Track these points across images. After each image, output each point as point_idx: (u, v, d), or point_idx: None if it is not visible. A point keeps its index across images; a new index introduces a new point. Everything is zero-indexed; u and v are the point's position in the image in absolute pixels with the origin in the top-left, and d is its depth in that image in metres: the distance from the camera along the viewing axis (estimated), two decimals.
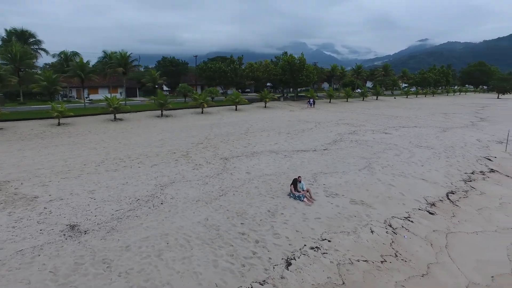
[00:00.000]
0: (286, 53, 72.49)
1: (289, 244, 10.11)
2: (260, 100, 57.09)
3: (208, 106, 43.59)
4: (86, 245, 9.17)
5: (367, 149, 22.31)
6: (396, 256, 10.22)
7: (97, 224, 10.40)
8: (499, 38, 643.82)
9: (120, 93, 59.99)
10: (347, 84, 75.23)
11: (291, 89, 70.61)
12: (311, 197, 13.31)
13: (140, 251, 9.00)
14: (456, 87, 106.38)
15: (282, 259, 9.35)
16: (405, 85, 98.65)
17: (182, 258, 8.82)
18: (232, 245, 9.68)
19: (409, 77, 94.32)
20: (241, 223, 11.03)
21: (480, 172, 19.32)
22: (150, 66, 78.41)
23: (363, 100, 67.38)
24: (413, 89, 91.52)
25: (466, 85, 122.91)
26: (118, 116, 35.29)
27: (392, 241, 11.01)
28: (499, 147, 25.68)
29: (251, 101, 53.90)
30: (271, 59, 70.84)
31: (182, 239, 9.74)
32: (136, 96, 64.52)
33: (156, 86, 53.41)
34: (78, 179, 14.75)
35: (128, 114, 37.88)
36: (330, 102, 61.39)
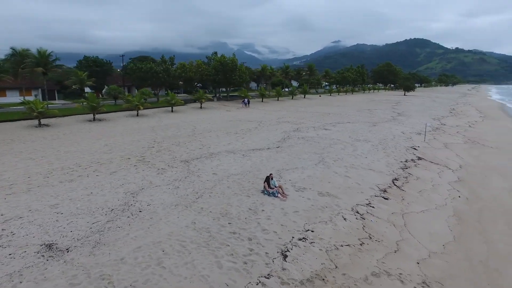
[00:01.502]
0: (216, 53, 72.70)
1: (279, 238, 10.62)
2: (194, 100, 56.46)
3: (143, 108, 41.67)
4: (75, 263, 8.43)
5: (315, 145, 23.89)
6: (371, 238, 11.45)
7: (77, 240, 9.56)
8: (397, 42, 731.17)
9: (35, 95, 53.62)
10: (276, 84, 78.33)
11: (220, 89, 71.07)
12: (283, 193, 13.98)
13: (138, 262, 8.61)
14: (369, 86, 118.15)
15: (278, 252, 9.81)
16: (326, 83, 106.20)
17: (184, 263, 8.70)
18: (228, 245, 9.82)
19: (331, 76, 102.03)
20: (229, 223, 11.18)
21: (412, 160, 22.18)
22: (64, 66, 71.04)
23: (292, 98, 70.86)
24: (334, 87, 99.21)
25: (377, 84, 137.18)
26: (43, 121, 31.74)
27: (363, 226, 12.25)
28: (419, 137, 29.64)
29: (184, 102, 53.01)
30: (197, 60, 70.01)
31: (177, 245, 9.55)
32: (55, 99, 58.39)
33: (83, 88, 49.11)
34: (30, 193, 13.16)
35: (54, 119, 34.33)
36: (262, 101, 63.28)
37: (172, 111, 45.29)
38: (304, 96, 75.17)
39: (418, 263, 10.37)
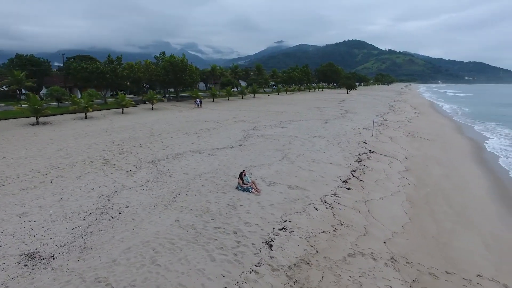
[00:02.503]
0: (164, 53, 71.02)
1: (261, 230, 11.21)
2: (144, 101, 54.84)
3: (92, 111, 39.54)
4: (65, 269, 8.21)
5: (275, 142, 24.84)
6: (342, 224, 12.53)
7: (60, 246, 9.24)
8: (337, 43, 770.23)
9: None
10: (225, 84, 78.65)
11: (168, 90, 69.69)
12: (257, 188, 14.59)
13: (131, 262, 8.63)
14: (314, 85, 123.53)
15: (263, 242, 10.41)
16: (274, 83, 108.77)
17: (178, 259, 8.91)
18: (216, 239, 10.19)
19: (278, 76, 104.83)
20: (212, 219, 11.51)
21: (364, 153, 24.10)
22: None
23: (242, 98, 71.64)
24: (281, 87, 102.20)
25: (321, 83, 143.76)
26: None
27: (333, 214, 13.33)
28: (367, 132, 32.11)
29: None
30: (145, 59, 67.87)
31: (167, 243, 9.68)
32: None
33: (19, 90, 45.07)
34: None
35: None
36: (213, 101, 63.26)
37: (122, 112, 43.55)
38: (254, 95, 76.43)
39: (385, 242, 11.64)
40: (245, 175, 14.73)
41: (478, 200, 17.56)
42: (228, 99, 65.69)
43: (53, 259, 8.65)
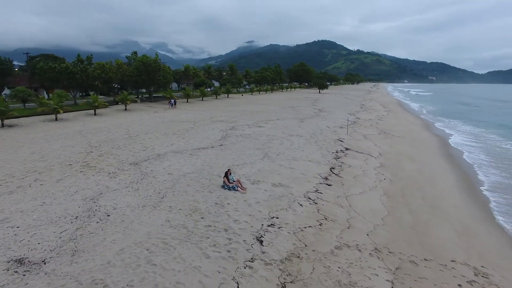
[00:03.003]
0: (136, 53, 69.44)
1: (251, 226, 11.49)
2: (117, 102, 53.50)
3: (63, 112, 38.08)
4: (58, 274, 8.09)
5: (255, 141, 25.17)
6: (326, 219, 13.05)
7: (50, 250, 9.04)
8: (307, 43, 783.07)
9: None
10: (198, 84, 78.00)
11: (140, 90, 68.31)
12: (242, 186, 14.84)
13: (126, 263, 8.63)
14: (286, 84, 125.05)
15: (254, 238, 10.70)
16: (247, 83, 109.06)
17: (173, 258, 9.01)
18: (208, 237, 10.36)
19: (251, 76, 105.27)
20: (201, 218, 11.65)
21: (341, 150, 24.94)
22: None
23: (216, 98, 71.42)
24: (249, 86, 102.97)
25: (293, 82, 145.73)
26: None
27: (317, 209, 13.84)
28: (342, 131, 33.16)
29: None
30: (116, 59, 66.14)
31: (160, 243, 9.74)
32: None
33: None
34: None
35: None
36: (187, 101, 62.67)
37: (95, 114, 42.26)
38: (227, 95, 76.40)
39: (367, 234, 12.26)
40: (230, 174, 14.94)
41: (447, 192, 18.76)
42: (202, 99, 65.31)
43: (44, 263, 8.48)
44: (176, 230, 10.58)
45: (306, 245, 10.84)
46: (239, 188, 14.56)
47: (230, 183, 14.62)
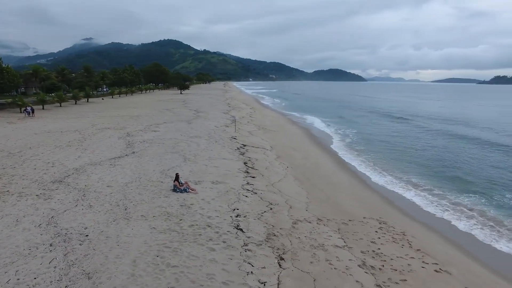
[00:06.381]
0: None
1: (224, 219, 13.04)
2: None
3: None
4: None
5: (163, 146, 25.37)
6: (272, 204, 15.66)
7: (58, 281, 8.35)
8: (153, 42, 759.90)
9: None
10: (50, 88, 67.49)
11: None
12: (191, 188, 15.85)
13: (149, 271, 8.90)
14: (144, 86, 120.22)
15: (234, 228, 12.36)
16: (105, 86, 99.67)
17: (187, 257, 9.85)
18: (200, 234, 11.44)
19: (109, 78, 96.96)
20: (180, 220, 12.41)
21: (241, 147, 27.89)
22: None
23: (76, 103, 63.77)
24: (106, 89, 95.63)
25: (150, 83, 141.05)
26: None
27: (260, 198, 16.28)
28: (230, 129, 36.27)
29: None
30: None
31: (163, 248, 10.25)
32: None
33: None
34: None
35: None
36: (43, 108, 53.91)
37: None
38: (87, 100, 69.04)
39: (306, 210, 15.53)
40: (179, 177, 15.72)
41: (332, 171, 24.23)
42: (60, 105, 57.24)
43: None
44: (168, 234, 11.19)
45: (273, 226, 13.18)
46: (189, 190, 15.54)
47: (181, 186, 15.43)
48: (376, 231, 14.14)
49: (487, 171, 25.56)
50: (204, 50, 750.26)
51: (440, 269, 11.35)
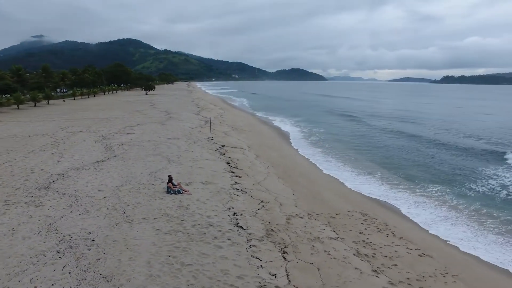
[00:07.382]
0: None
1: (223, 218, 13.52)
2: None
3: None
4: None
5: (143, 148, 25.07)
6: (263, 201, 16.35)
7: (77, 285, 8.49)
8: (111, 41, 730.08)
9: None
10: (3, 90, 63.11)
11: None
12: (184, 189, 16.12)
13: (166, 271, 9.18)
14: (106, 87, 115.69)
15: (234, 226, 12.91)
16: (64, 87, 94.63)
17: (198, 256, 10.23)
18: (205, 233, 11.86)
19: (69, 78, 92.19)
20: (182, 220, 12.72)
21: (220, 147, 28.29)
22: None
23: (35, 106, 60.31)
24: (65, 90, 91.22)
25: (112, 84, 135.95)
26: None
27: (251, 196, 16.91)
28: (206, 130, 36.46)
29: None
30: None
31: (173, 248, 10.54)
32: None
33: None
34: None
35: None
36: None
37: None
38: (48, 102, 65.38)
39: (296, 206, 16.39)
40: (172, 178, 15.93)
41: (308, 169, 25.42)
42: (18, 108, 53.86)
43: None
44: (174, 235, 11.48)
45: (269, 222, 13.88)
46: (183, 191, 15.81)
47: (174, 187, 15.65)
48: (361, 223, 15.30)
49: (440, 165, 28.10)
50: (165, 49, 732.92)
51: (422, 253, 12.67)
